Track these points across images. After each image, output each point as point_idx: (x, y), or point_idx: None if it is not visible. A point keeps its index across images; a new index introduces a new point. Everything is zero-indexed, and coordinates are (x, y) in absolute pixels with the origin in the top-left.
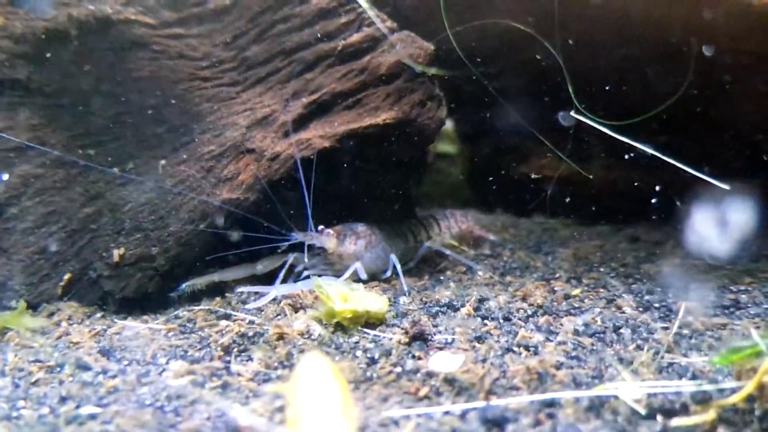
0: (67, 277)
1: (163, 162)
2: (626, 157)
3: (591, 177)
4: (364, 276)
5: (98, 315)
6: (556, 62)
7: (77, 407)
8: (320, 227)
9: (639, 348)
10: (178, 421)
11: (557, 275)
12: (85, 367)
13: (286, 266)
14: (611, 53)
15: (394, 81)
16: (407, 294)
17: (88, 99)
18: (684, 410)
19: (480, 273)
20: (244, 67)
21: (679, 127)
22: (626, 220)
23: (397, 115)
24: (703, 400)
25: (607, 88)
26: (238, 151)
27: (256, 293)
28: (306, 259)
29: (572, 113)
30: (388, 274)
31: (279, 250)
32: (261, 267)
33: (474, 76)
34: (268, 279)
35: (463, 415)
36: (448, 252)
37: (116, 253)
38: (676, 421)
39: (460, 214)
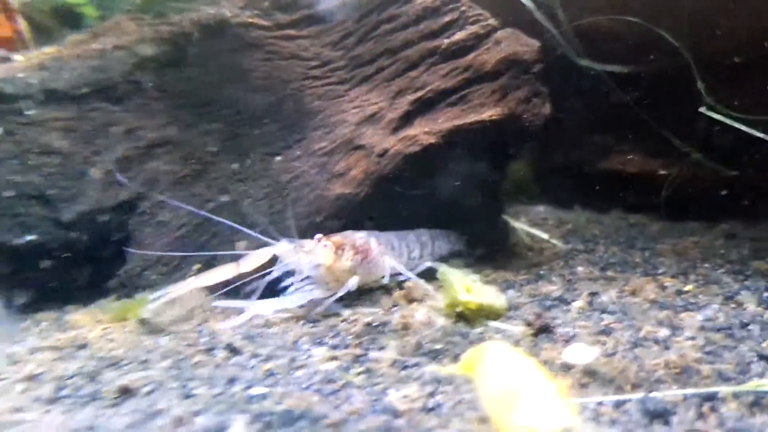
0: (196, 267)
1: (278, 158)
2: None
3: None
4: (353, 288)
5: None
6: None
7: (246, 388)
8: (318, 236)
9: None
10: (340, 403)
11: (661, 271)
12: (237, 351)
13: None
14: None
15: (499, 78)
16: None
17: (209, 99)
18: None
19: (580, 268)
20: (351, 66)
21: None
22: (716, 216)
23: (503, 111)
24: None
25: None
26: (349, 147)
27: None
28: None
29: (703, 109)
30: (386, 280)
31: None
32: (245, 265)
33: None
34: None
35: (619, 406)
36: (421, 282)
37: (238, 245)
38: None
39: (455, 236)
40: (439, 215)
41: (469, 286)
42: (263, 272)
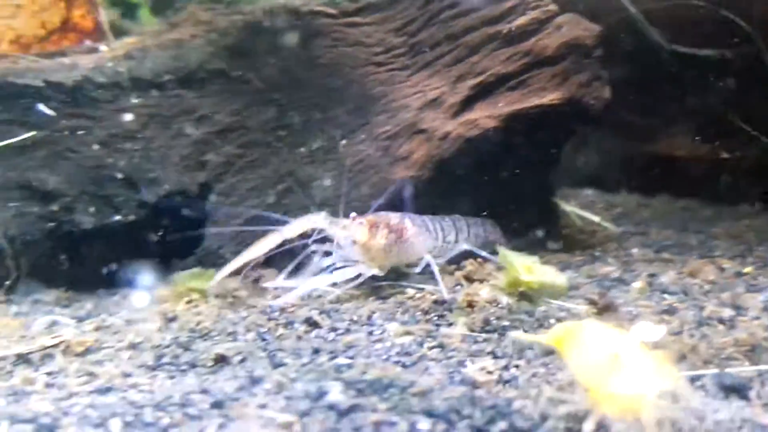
0: None
1: (343, 142)
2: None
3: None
4: (377, 272)
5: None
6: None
7: (332, 359)
8: (352, 215)
9: None
10: (419, 374)
11: (717, 253)
12: (316, 325)
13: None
14: None
15: (560, 62)
16: (446, 297)
17: (278, 85)
18: None
19: (635, 250)
20: (413, 51)
21: None
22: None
23: (564, 95)
24: None
25: None
26: (411, 131)
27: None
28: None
29: None
30: (417, 270)
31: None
32: (288, 232)
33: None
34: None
35: (694, 381)
36: (482, 253)
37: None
38: None
39: (491, 224)
40: (496, 198)
41: (529, 266)
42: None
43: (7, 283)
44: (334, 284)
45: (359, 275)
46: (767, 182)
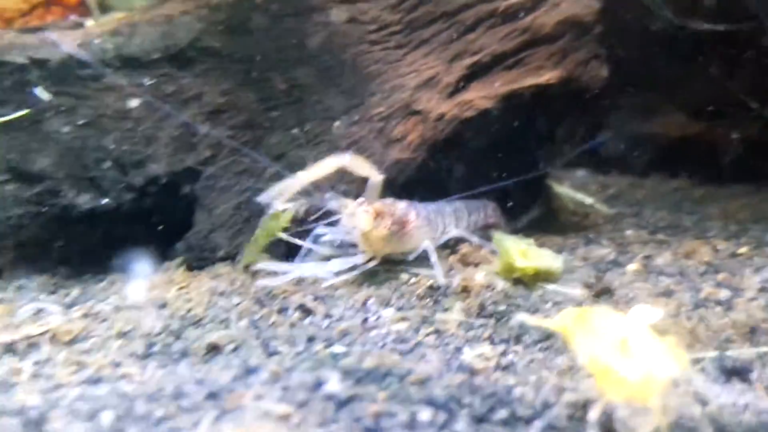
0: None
1: (337, 123)
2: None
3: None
4: (372, 263)
5: None
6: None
7: (327, 347)
8: (360, 199)
9: None
10: (416, 361)
11: (712, 233)
12: (310, 312)
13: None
14: None
15: (558, 40)
16: (442, 283)
17: (271, 64)
18: None
19: (629, 232)
20: (408, 29)
21: None
22: (761, 179)
23: (561, 74)
24: None
25: None
26: (406, 112)
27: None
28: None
29: None
30: (412, 257)
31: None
32: (302, 174)
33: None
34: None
35: (693, 364)
36: (474, 239)
37: (301, 210)
38: None
39: (492, 208)
40: (491, 179)
41: (524, 251)
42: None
43: None
44: (329, 273)
45: (355, 266)
46: (761, 161)
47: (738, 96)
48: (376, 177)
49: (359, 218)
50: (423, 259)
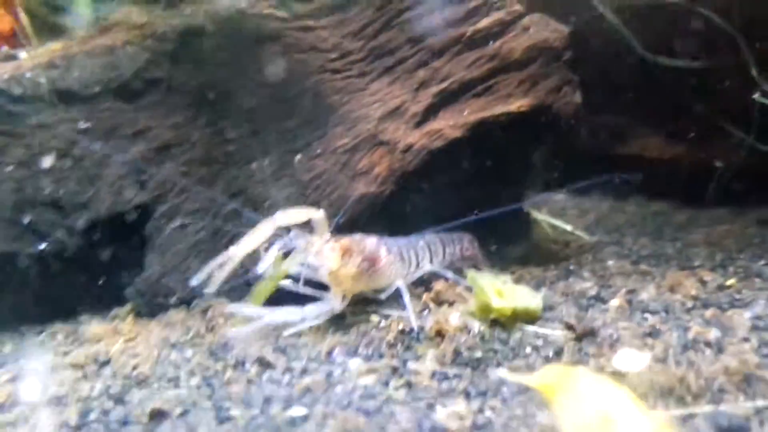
0: None
1: (299, 156)
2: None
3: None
4: (342, 305)
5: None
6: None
7: (285, 408)
8: (326, 236)
9: None
10: (385, 422)
11: (697, 263)
12: (269, 365)
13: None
14: None
15: (528, 66)
16: (415, 327)
17: (225, 95)
18: None
19: (610, 262)
20: (371, 57)
21: None
22: (740, 203)
23: (532, 102)
24: None
25: None
26: (372, 143)
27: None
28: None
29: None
30: (384, 296)
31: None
32: (235, 249)
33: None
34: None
35: (685, 421)
36: (449, 275)
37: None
38: None
39: (468, 240)
40: (464, 212)
41: (500, 290)
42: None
43: None
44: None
45: (330, 309)
46: (744, 184)
47: (713, 119)
48: (316, 214)
49: (326, 256)
50: (394, 299)
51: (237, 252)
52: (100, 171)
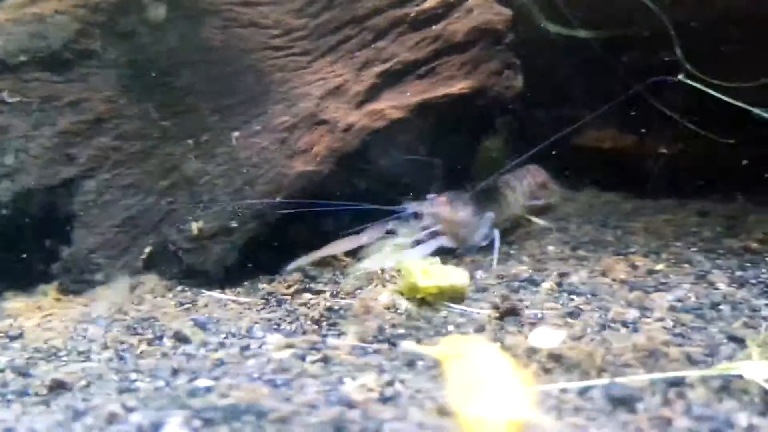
0: (148, 250)
1: (236, 134)
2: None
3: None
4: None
5: (180, 288)
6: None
7: (192, 380)
8: (430, 195)
9: (746, 326)
10: (292, 394)
11: (633, 250)
12: (185, 340)
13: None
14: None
15: (470, 49)
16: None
17: (162, 69)
18: None
19: (551, 247)
20: (315, 35)
21: None
22: (689, 194)
23: (474, 84)
24: None
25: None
26: (312, 122)
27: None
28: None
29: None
30: (486, 242)
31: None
32: (366, 237)
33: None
34: None
35: (583, 393)
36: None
37: (194, 226)
38: None
39: (535, 169)
40: (406, 193)
41: (427, 270)
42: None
43: None
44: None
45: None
46: (692, 175)
47: (660, 110)
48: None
49: (439, 209)
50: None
51: (327, 251)
52: (27, 143)
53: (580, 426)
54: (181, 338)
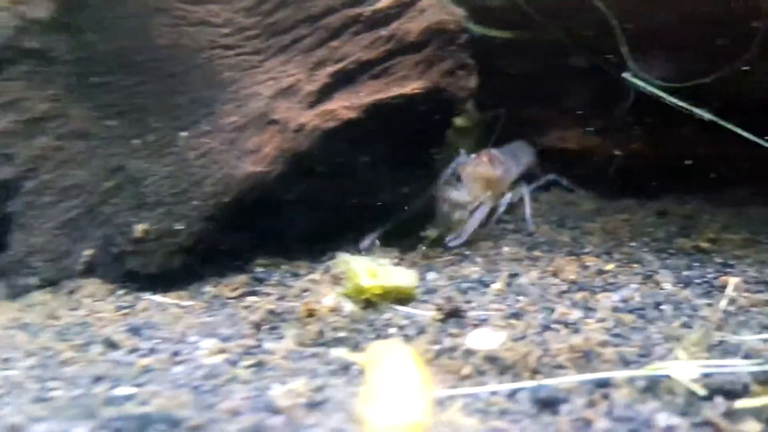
0: (89, 253)
1: (184, 133)
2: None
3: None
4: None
5: (121, 292)
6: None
7: (112, 388)
8: (472, 155)
9: (685, 325)
10: (216, 401)
11: (587, 250)
12: (115, 346)
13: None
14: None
15: (423, 49)
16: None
17: (108, 68)
18: (746, 391)
19: (506, 248)
20: (267, 34)
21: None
22: (650, 193)
23: (426, 84)
24: (766, 380)
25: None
26: (262, 122)
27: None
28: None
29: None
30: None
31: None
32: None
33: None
34: None
35: (511, 395)
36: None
37: (139, 228)
38: (740, 403)
39: (527, 145)
40: (359, 196)
41: (374, 270)
42: None
43: None
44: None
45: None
46: (652, 175)
47: (620, 110)
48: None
49: (483, 166)
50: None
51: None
52: None
53: (501, 429)
54: (110, 344)
